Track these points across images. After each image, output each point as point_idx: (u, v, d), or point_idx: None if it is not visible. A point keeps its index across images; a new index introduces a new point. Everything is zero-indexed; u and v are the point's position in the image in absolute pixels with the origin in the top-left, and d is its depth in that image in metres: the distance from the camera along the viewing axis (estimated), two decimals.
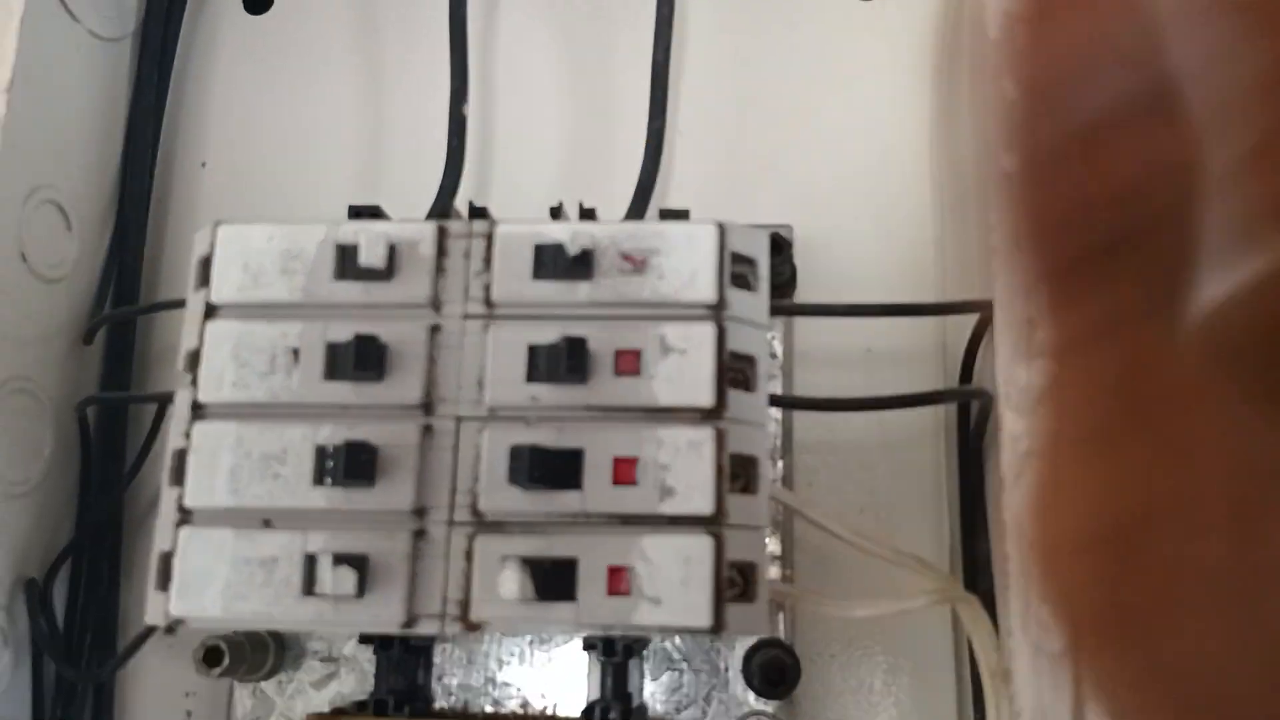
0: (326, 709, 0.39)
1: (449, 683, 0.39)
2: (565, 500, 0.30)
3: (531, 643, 0.39)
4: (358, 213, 0.36)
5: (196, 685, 0.41)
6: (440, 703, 0.39)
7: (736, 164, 0.41)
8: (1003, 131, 0.20)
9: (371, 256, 0.31)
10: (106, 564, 0.41)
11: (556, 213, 0.38)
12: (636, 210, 0.38)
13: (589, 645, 0.37)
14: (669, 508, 0.30)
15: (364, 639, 0.38)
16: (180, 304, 0.34)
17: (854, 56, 0.44)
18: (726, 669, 0.39)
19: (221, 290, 0.32)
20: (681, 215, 0.35)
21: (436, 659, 0.39)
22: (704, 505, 0.30)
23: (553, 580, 0.30)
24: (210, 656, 0.37)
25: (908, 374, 0.41)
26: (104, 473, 0.41)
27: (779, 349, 0.41)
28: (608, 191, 0.40)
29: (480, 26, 0.45)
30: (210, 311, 0.33)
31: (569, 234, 0.32)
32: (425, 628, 0.31)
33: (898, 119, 0.43)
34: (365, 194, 0.37)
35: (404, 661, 0.38)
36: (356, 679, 0.39)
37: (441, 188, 0.39)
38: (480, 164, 0.43)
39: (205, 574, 0.31)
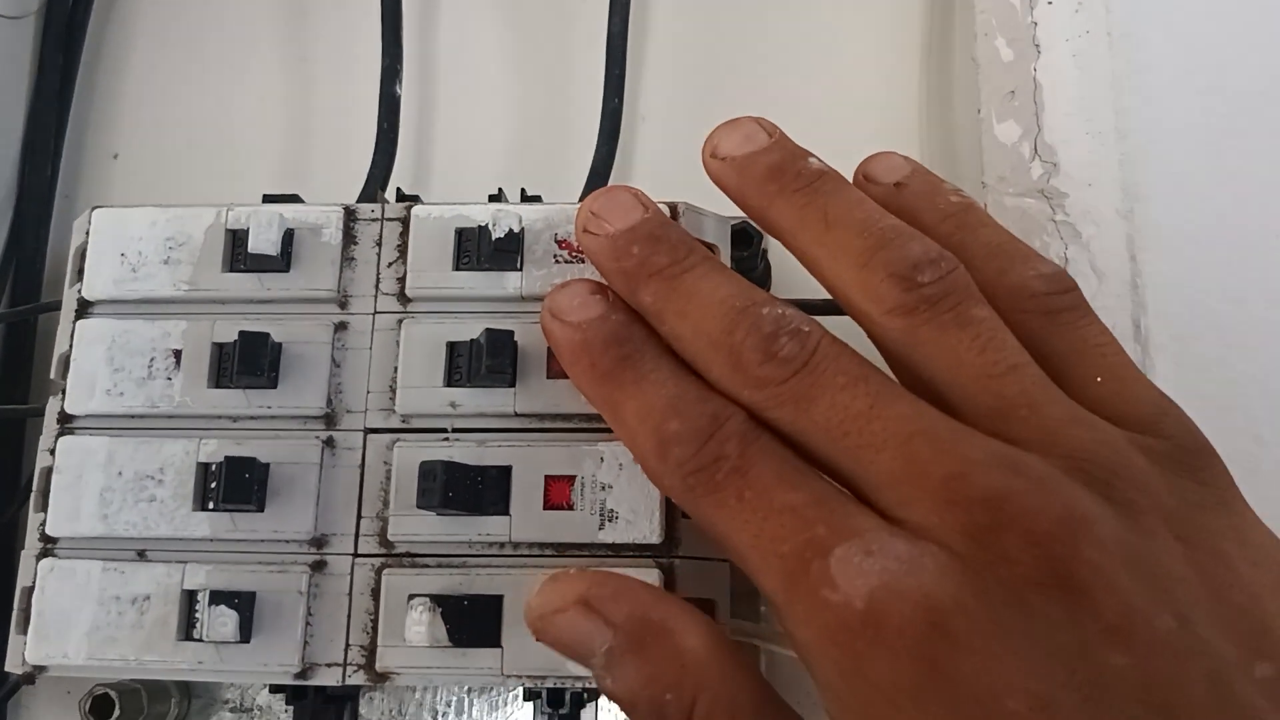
0: None
1: None
2: (489, 527, 0.26)
3: (470, 690, 0.34)
4: (272, 201, 0.32)
5: None
6: None
7: None
8: None
9: (262, 242, 0.27)
10: None
11: (496, 201, 0.33)
12: None
13: (531, 695, 0.32)
14: (610, 535, 0.26)
15: (272, 687, 0.33)
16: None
17: (836, 35, 0.40)
18: None
19: (95, 283, 0.28)
20: None
21: (363, 709, 0.34)
22: (651, 532, 0.26)
23: (472, 622, 0.25)
24: (98, 708, 0.32)
25: None
26: None
27: None
28: (560, 179, 0.36)
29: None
30: (83, 308, 0.28)
31: (493, 216, 0.27)
32: (324, 678, 0.26)
33: (885, 101, 0.39)
34: (293, 187, 0.33)
35: (322, 712, 0.33)
36: None
37: (370, 174, 0.35)
38: (418, 151, 0.39)
39: (68, 614, 0.26)
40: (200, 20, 0.42)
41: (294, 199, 0.32)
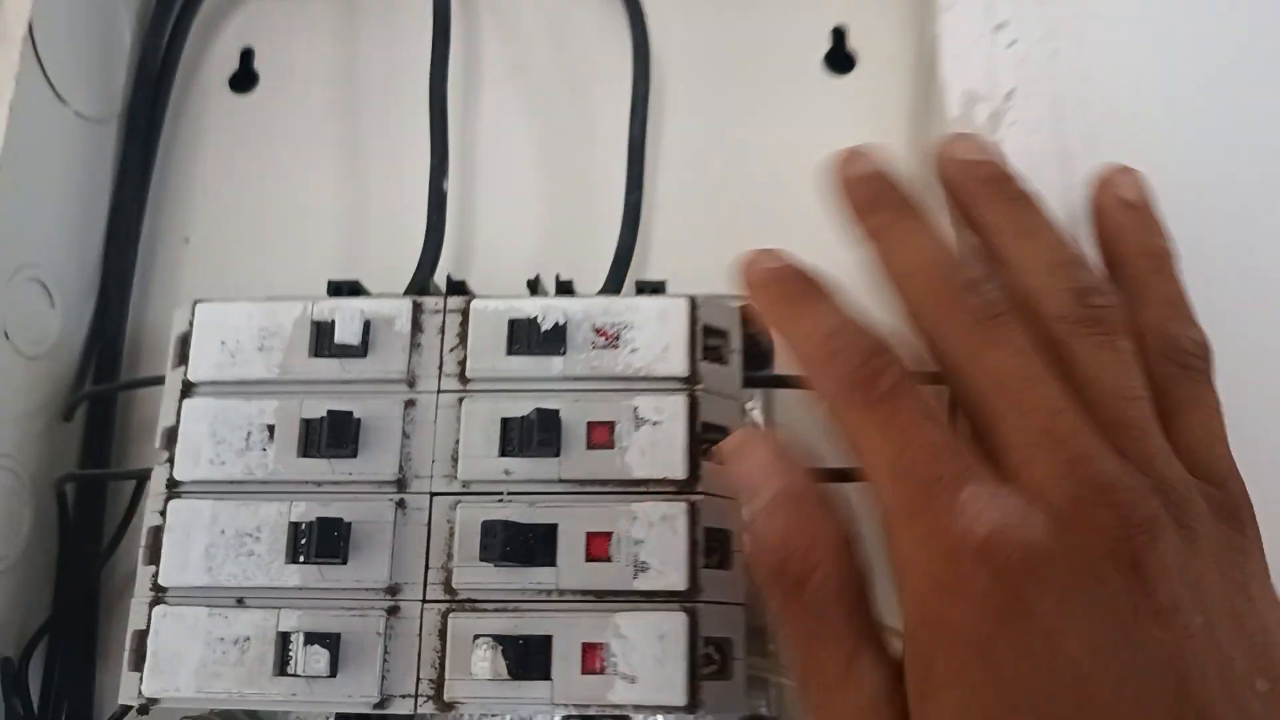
0: None
1: None
2: (539, 576, 0.30)
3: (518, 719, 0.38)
4: (337, 288, 0.36)
5: None
6: None
7: (714, 234, 0.42)
8: None
9: (347, 333, 0.32)
10: (83, 642, 0.40)
11: (534, 286, 0.38)
12: (614, 281, 0.39)
13: None
14: (643, 584, 0.30)
15: (340, 717, 0.37)
16: (159, 380, 0.34)
17: (829, 128, 0.44)
18: None
19: (199, 368, 0.33)
20: (658, 286, 0.35)
21: None
22: (678, 581, 0.30)
23: (527, 659, 0.30)
24: None
25: None
26: (81, 550, 0.40)
27: (760, 420, 0.41)
28: (588, 263, 0.40)
29: (460, 104, 0.45)
30: (187, 389, 0.33)
31: (542, 310, 0.32)
32: (398, 708, 0.30)
33: None
34: (347, 270, 0.37)
35: None
36: None
37: (421, 262, 0.39)
38: (461, 238, 0.44)
39: (179, 653, 0.31)
40: (264, 118, 0.47)
41: (355, 285, 0.36)
